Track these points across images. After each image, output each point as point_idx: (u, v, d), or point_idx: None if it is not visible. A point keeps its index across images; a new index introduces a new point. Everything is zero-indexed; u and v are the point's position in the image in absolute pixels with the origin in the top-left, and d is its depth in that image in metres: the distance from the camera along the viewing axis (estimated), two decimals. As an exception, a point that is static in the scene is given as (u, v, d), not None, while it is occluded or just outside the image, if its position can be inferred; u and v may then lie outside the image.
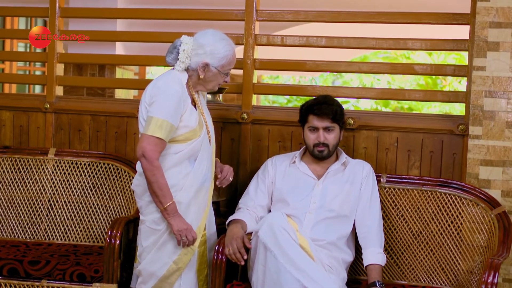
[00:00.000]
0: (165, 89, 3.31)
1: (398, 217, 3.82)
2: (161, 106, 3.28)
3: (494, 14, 3.78)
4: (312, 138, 3.63)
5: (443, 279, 3.72)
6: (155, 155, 3.26)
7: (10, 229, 4.32)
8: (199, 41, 3.40)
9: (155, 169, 3.27)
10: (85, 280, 3.70)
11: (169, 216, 3.31)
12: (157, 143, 3.26)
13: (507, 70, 3.78)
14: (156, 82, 3.37)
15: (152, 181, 3.28)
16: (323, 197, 3.61)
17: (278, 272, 3.15)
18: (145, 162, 3.26)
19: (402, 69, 4.37)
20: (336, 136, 3.63)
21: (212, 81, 3.45)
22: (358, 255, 3.73)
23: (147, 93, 3.38)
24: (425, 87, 13.10)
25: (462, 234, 3.71)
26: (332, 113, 3.58)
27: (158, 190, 3.28)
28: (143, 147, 3.26)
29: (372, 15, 4.20)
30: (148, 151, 3.25)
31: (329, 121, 3.59)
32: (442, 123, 4.05)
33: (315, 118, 3.61)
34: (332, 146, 3.63)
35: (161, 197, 3.29)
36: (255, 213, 3.66)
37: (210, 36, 3.41)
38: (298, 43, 4.26)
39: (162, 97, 3.29)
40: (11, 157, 4.38)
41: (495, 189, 3.81)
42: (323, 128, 3.60)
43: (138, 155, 3.28)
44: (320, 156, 3.63)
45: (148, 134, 3.26)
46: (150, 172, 3.27)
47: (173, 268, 3.40)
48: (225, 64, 3.41)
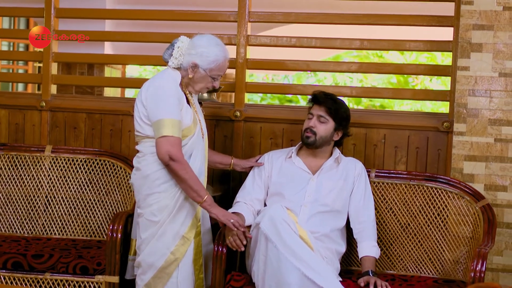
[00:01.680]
0: (164, 89, 3.45)
1: (387, 210, 4.00)
2: (165, 106, 3.41)
3: (477, 17, 3.98)
4: (306, 123, 3.82)
5: (431, 268, 3.91)
6: (180, 154, 3.39)
7: (8, 224, 4.42)
8: (194, 42, 3.55)
9: (186, 166, 3.41)
10: (88, 273, 3.82)
11: (210, 206, 3.47)
12: (177, 142, 3.39)
13: (489, 70, 3.98)
14: (153, 83, 3.50)
15: (187, 178, 3.40)
16: (318, 191, 3.77)
17: (279, 262, 3.31)
18: (175, 163, 3.38)
19: (391, 68, 4.56)
20: (327, 129, 3.79)
21: (199, 82, 3.58)
22: (350, 247, 3.91)
23: (143, 93, 3.50)
24: (397, 85, 13.38)
25: (448, 225, 3.90)
26: (330, 105, 3.76)
27: (194, 185, 3.42)
28: (168, 150, 3.36)
29: (360, 17, 4.38)
30: (173, 153, 3.36)
31: (325, 111, 3.76)
32: (428, 120, 4.24)
33: (315, 106, 3.82)
34: (319, 137, 3.78)
35: (199, 191, 3.43)
36: (252, 207, 3.81)
37: (205, 39, 3.57)
38: (289, 44, 4.42)
39: (163, 99, 3.42)
40: (8, 154, 4.47)
41: (479, 183, 4.01)
42: (317, 116, 3.78)
43: (165, 160, 3.38)
44: (306, 141, 3.80)
45: (168, 136, 3.37)
46: (183, 170, 3.39)
47: (171, 259, 3.53)
48: (214, 68, 3.54)
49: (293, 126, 4.34)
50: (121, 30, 6.03)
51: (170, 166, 3.41)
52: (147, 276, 3.56)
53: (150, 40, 4.69)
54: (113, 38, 5.12)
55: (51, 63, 4.66)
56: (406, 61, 12.60)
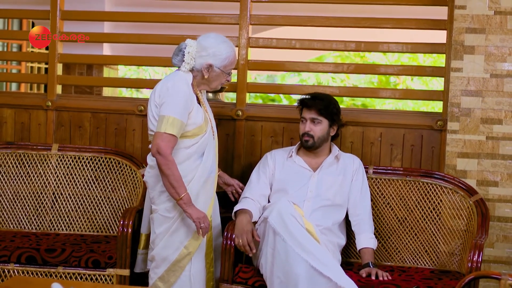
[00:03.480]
0: (174, 89, 3.59)
1: (385, 205, 4.20)
2: (171, 105, 3.56)
3: (470, 21, 4.18)
4: (301, 128, 4.00)
5: (427, 260, 4.11)
6: (168, 151, 3.53)
7: (16, 220, 4.54)
8: (202, 44, 3.69)
9: (170, 163, 3.55)
10: (100, 266, 3.96)
11: (186, 205, 3.58)
12: (170, 139, 3.54)
13: (481, 72, 4.18)
14: (165, 83, 3.64)
15: (168, 174, 3.55)
16: (319, 187, 3.96)
17: (287, 254, 3.48)
18: (160, 157, 3.53)
19: (385, 70, 4.74)
20: (322, 129, 3.97)
21: (215, 80, 3.74)
22: (350, 240, 4.10)
23: (156, 93, 3.66)
24: (379, 84, 13.66)
25: (443, 219, 4.10)
26: (319, 106, 3.93)
27: (174, 182, 3.56)
28: (157, 144, 3.52)
29: (358, 20, 4.56)
30: (162, 147, 3.52)
31: (316, 113, 3.94)
32: (422, 119, 4.44)
33: (305, 110, 3.98)
34: (317, 138, 3.96)
35: (177, 188, 3.56)
36: (259, 203, 3.97)
37: (212, 39, 3.71)
38: (289, 46, 4.60)
39: (172, 97, 3.57)
40: (16, 153, 4.59)
41: (471, 179, 4.21)
42: (310, 119, 3.95)
43: (153, 152, 3.55)
44: (306, 145, 3.98)
45: (161, 132, 3.53)
46: (165, 166, 3.54)
47: (184, 253, 3.69)
48: (227, 64, 3.71)
49: (293, 125, 4.50)
50: (119, 31, 6.15)
51: (156, 160, 3.56)
52: (160, 269, 3.71)
53: (154, 42, 4.83)
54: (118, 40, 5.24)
55: (57, 64, 4.79)
56: (388, 61, 12.86)
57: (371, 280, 3.63)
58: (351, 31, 4.88)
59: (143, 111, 4.64)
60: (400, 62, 12.86)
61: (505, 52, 4.15)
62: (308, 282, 3.40)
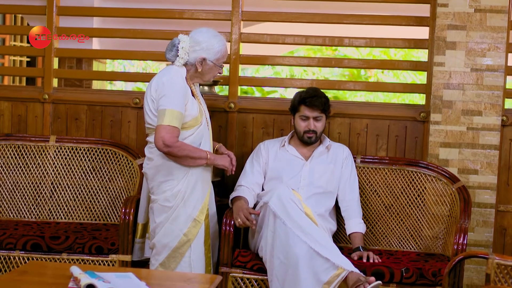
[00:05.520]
0: (170, 83, 3.74)
1: (372, 192, 4.43)
2: (169, 98, 3.71)
3: (452, 18, 4.42)
4: (303, 126, 4.18)
5: (412, 244, 4.36)
6: (174, 139, 3.69)
7: (16, 210, 4.68)
8: (195, 38, 3.85)
9: (179, 147, 3.71)
10: (103, 252, 4.12)
11: (215, 160, 3.88)
12: (173, 130, 3.69)
13: (462, 66, 4.43)
14: (161, 78, 3.78)
15: (184, 154, 3.74)
16: (311, 175, 4.17)
17: (287, 236, 3.68)
18: (169, 148, 3.69)
19: (375, 64, 4.98)
20: (323, 124, 4.20)
21: (208, 73, 3.91)
22: (339, 225, 4.33)
23: (152, 88, 3.80)
24: (350, 77, 13.95)
25: (427, 205, 4.35)
26: (322, 104, 4.14)
27: (192, 154, 3.78)
28: (162, 137, 3.67)
29: (345, 16, 4.78)
30: (167, 139, 3.67)
31: (319, 111, 4.15)
32: (406, 111, 4.68)
33: (306, 109, 4.15)
34: (320, 133, 4.19)
35: (198, 156, 3.81)
36: (253, 191, 4.18)
37: (205, 33, 3.87)
38: (279, 41, 4.81)
39: (169, 91, 3.72)
40: (14, 144, 4.73)
41: (453, 167, 4.46)
42: (313, 117, 4.16)
43: (159, 145, 3.69)
44: (309, 141, 4.19)
45: (164, 124, 3.68)
46: (177, 151, 3.71)
47: (184, 240, 3.86)
48: (220, 57, 3.89)
49: (283, 117, 4.72)
50: (107, 27, 6.29)
51: (167, 153, 3.72)
52: (161, 256, 3.88)
53: (149, 37, 4.96)
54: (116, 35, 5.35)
55: (53, 58, 4.93)
56: (361, 54, 13.15)
57: (363, 263, 3.85)
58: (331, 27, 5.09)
59: (138, 104, 4.81)
60: (373, 56, 13.16)
61: (484, 47, 4.40)
62: (307, 262, 3.61)
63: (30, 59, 9.48)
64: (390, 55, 12.79)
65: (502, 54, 4.39)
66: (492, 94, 4.40)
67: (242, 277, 3.92)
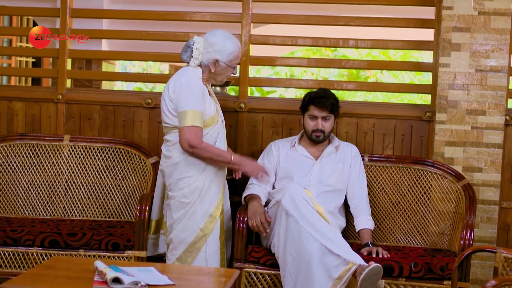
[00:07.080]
0: (188, 84, 3.86)
1: (380, 189, 4.55)
2: (189, 100, 3.83)
3: (457, 20, 4.55)
4: (311, 125, 4.30)
5: (419, 240, 4.48)
6: (199, 140, 3.82)
7: (32, 208, 4.79)
8: (209, 40, 3.97)
9: (204, 147, 3.85)
10: (119, 248, 4.24)
11: (240, 164, 3.99)
12: (197, 130, 3.82)
13: (467, 67, 4.56)
14: (178, 79, 3.90)
15: (209, 156, 3.88)
16: (321, 174, 4.30)
17: (299, 234, 3.80)
18: (195, 149, 3.82)
19: (381, 65, 5.10)
20: (331, 124, 4.31)
21: (221, 74, 4.03)
22: (348, 222, 4.45)
23: (170, 88, 3.92)
24: (349, 77, 14.10)
25: (433, 202, 4.47)
26: (330, 105, 4.26)
27: (218, 157, 3.91)
28: (187, 138, 3.80)
29: (352, 19, 4.90)
30: (192, 140, 3.80)
31: (327, 112, 4.26)
32: (412, 111, 4.81)
33: (315, 109, 4.27)
34: (328, 132, 4.31)
35: (223, 159, 3.94)
36: (265, 189, 4.30)
37: (219, 35, 3.99)
38: (287, 43, 4.93)
39: (188, 91, 3.84)
40: (29, 143, 4.84)
41: (458, 165, 4.58)
42: (322, 117, 4.28)
43: (185, 147, 3.82)
44: (317, 140, 4.31)
45: (188, 125, 3.80)
46: (202, 153, 3.85)
47: (200, 235, 3.97)
48: (233, 59, 4.00)
49: (291, 116, 4.85)
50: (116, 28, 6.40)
51: (193, 153, 3.86)
52: (178, 251, 3.99)
53: (158, 39, 5.09)
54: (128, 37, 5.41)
55: (67, 59, 5.04)
56: (360, 55, 13.30)
57: (372, 258, 3.98)
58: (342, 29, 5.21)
59: (150, 104, 4.92)
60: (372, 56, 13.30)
61: (488, 49, 4.53)
62: (319, 259, 3.73)
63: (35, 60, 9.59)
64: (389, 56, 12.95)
65: (505, 55, 4.52)
66: (495, 94, 4.53)
67: (255, 272, 4.04)
